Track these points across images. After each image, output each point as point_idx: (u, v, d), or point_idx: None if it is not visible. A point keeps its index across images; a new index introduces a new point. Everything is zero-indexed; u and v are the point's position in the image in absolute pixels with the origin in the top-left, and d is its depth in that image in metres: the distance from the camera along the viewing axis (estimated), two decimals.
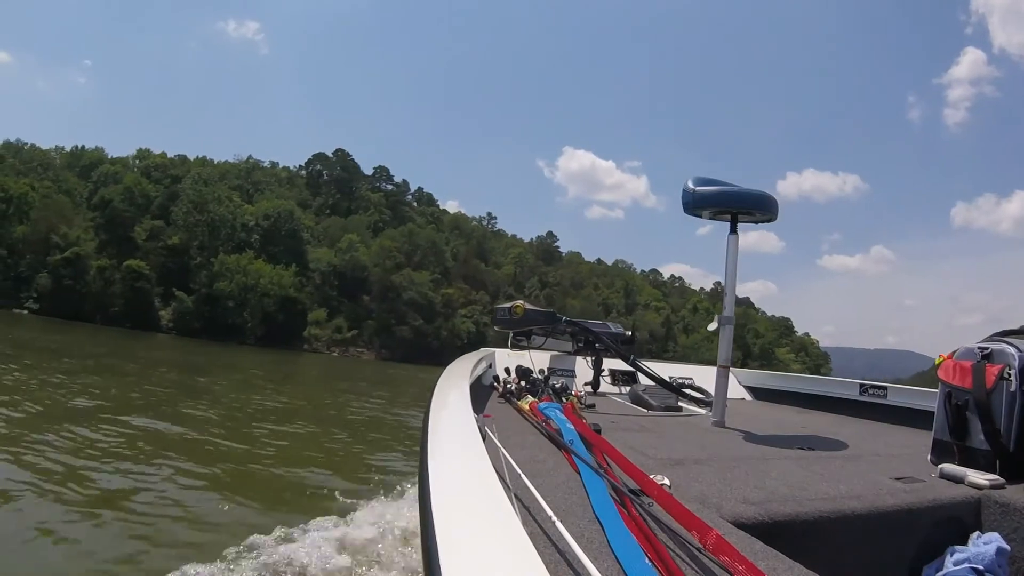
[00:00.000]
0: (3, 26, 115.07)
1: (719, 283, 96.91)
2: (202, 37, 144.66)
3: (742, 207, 2.82)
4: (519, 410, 2.49)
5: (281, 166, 76.63)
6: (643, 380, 3.71)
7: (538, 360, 3.69)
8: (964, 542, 1.60)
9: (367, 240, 63.50)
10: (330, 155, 75.69)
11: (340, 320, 56.70)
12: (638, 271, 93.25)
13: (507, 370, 3.26)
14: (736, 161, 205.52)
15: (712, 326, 2.84)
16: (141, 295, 48.34)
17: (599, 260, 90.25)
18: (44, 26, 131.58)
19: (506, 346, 3.98)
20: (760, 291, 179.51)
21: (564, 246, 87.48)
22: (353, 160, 75.77)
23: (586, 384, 3.79)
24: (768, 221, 2.91)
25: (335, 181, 73.75)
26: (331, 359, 48.47)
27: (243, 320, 50.17)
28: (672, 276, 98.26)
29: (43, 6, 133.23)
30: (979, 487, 1.78)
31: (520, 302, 3.93)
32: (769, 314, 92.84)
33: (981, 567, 1.46)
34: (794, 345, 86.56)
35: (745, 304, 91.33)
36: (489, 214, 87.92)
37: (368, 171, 77.76)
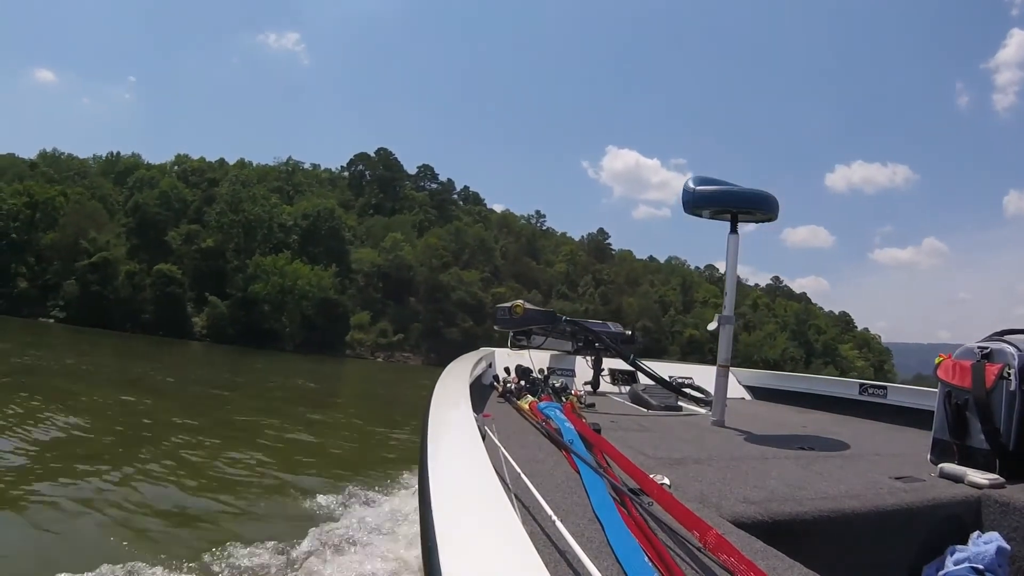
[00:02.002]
0: (47, 46, 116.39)
1: (776, 277, 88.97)
2: (244, 51, 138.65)
3: (742, 206, 2.73)
4: (519, 410, 2.40)
5: (323, 167, 70.54)
6: (643, 380, 3.58)
7: (538, 360, 3.52)
8: (964, 542, 1.53)
9: (412, 239, 56.39)
10: (372, 155, 68.96)
11: (384, 323, 49.52)
12: (693, 268, 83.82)
13: (507, 369, 3.13)
14: (783, 155, 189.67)
15: (712, 325, 2.71)
16: (173, 301, 42.33)
17: (651, 258, 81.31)
18: (88, 45, 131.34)
19: (506, 345, 3.80)
20: (812, 287, 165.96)
21: (613, 245, 78.60)
22: (396, 159, 68.81)
23: (586, 384, 3.60)
24: (768, 220, 2.82)
25: (378, 180, 66.75)
26: (375, 365, 41.43)
27: (280, 325, 43.61)
28: None
29: (86, 25, 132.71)
30: (979, 486, 1.71)
31: (520, 302, 3.79)
32: (825, 310, 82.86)
33: (981, 567, 1.41)
34: (856, 341, 76.57)
35: (804, 300, 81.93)
36: (538, 212, 78.99)
37: (412, 170, 70.87)
